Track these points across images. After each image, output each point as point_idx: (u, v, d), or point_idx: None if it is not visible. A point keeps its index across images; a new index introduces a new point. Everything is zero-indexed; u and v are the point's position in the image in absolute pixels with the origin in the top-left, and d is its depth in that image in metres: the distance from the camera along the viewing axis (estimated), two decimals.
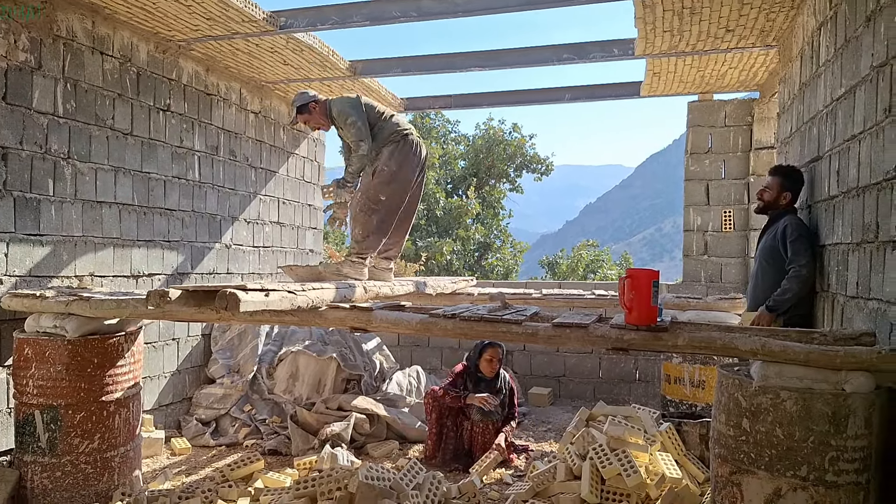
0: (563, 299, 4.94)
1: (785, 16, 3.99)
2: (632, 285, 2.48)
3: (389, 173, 4.07)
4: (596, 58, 4.91)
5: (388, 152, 4.09)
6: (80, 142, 3.92)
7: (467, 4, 4.22)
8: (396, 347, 6.55)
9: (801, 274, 3.23)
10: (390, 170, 4.07)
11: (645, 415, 3.65)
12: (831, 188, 3.06)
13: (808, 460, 2.09)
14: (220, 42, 4.56)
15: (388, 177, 4.07)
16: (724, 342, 2.35)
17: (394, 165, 4.07)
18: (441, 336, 3.30)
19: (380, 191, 4.06)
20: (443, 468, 3.97)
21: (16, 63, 3.51)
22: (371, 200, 4.07)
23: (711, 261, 5.94)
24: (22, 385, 3.24)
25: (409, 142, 4.15)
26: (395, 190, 4.10)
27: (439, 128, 18.05)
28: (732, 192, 5.86)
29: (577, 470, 3.28)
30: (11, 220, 3.50)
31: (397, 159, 4.09)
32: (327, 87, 5.78)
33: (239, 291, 2.47)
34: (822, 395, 2.10)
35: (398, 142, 4.13)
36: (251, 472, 3.60)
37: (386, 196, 4.07)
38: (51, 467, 3.18)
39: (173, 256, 4.69)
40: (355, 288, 3.58)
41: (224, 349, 5.11)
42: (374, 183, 4.07)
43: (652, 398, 5.62)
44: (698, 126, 5.93)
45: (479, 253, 16.27)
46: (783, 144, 4.39)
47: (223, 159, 5.23)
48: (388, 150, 4.10)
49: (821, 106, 3.29)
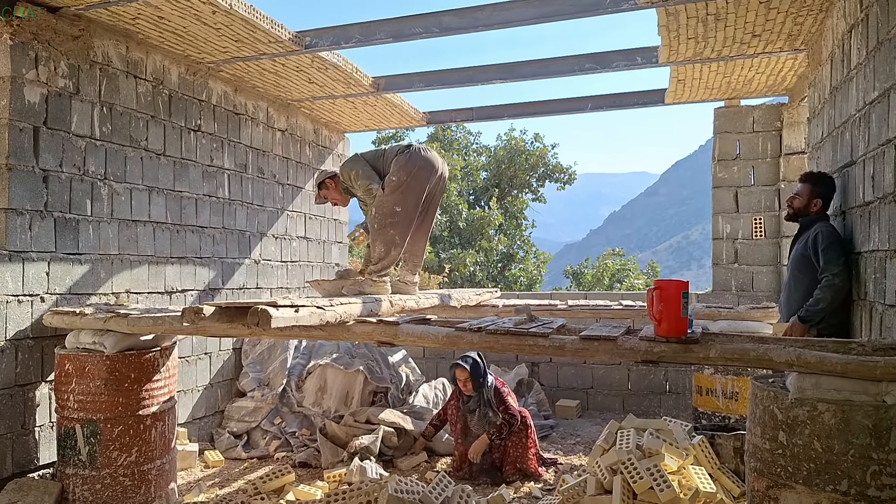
0: (589, 310, 4.90)
1: (813, 19, 3.94)
2: (661, 296, 2.46)
3: (399, 182, 4.11)
4: (619, 67, 4.89)
5: (395, 166, 4.16)
6: (115, 163, 4.05)
7: (487, 19, 4.26)
8: (422, 360, 6.57)
9: (833, 283, 3.15)
10: (399, 179, 4.11)
11: (677, 427, 3.59)
12: (866, 193, 2.99)
13: (849, 474, 2.04)
14: (247, 63, 4.68)
15: (396, 186, 4.11)
16: (758, 354, 2.31)
17: (403, 175, 4.11)
18: (467, 349, 3.31)
19: (394, 202, 4.11)
20: (471, 481, 3.96)
21: (56, 89, 3.66)
22: (387, 215, 4.12)
23: (742, 269, 5.83)
24: (63, 400, 3.34)
25: (413, 150, 4.21)
26: (408, 199, 4.14)
27: (461, 139, 18.14)
28: (762, 199, 5.76)
29: (607, 484, 3.23)
30: (52, 240, 3.63)
31: (406, 168, 4.13)
32: (351, 104, 5.87)
33: (270, 308, 2.52)
34: (861, 408, 2.05)
35: (401, 153, 4.20)
36: (283, 484, 3.64)
37: (401, 207, 4.11)
38: (91, 480, 3.27)
39: (205, 272, 4.80)
40: (381, 302, 3.62)
41: (254, 363, 5.19)
42: (387, 196, 4.13)
43: (683, 410, 5.52)
44: (726, 132, 5.86)
45: (503, 264, 16.23)
46: (814, 149, 4.31)
47: (251, 177, 5.34)
48: (394, 165, 4.17)
49: (853, 110, 3.23)
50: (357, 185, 4.25)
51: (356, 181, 4.24)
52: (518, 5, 4.14)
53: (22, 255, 3.45)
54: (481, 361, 4.15)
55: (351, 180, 4.30)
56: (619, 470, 3.19)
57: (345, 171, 4.34)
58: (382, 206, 4.15)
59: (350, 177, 4.29)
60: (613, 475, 3.22)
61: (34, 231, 3.52)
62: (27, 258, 3.48)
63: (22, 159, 3.47)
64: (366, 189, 4.20)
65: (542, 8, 4.08)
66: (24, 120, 3.49)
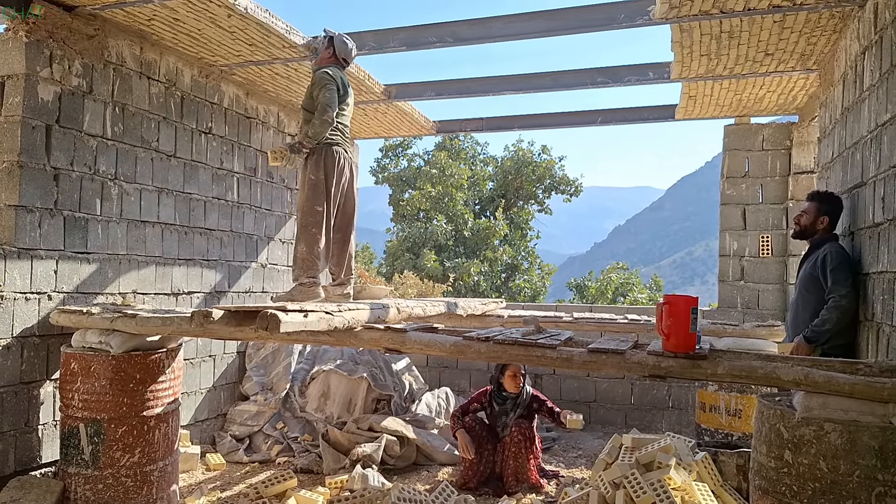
0: (594, 323, 4.89)
1: (827, 39, 3.95)
2: (670, 311, 2.46)
3: (317, 182, 4.02)
4: (630, 81, 4.91)
5: (312, 162, 4.04)
6: (126, 163, 4.07)
7: (501, 30, 4.29)
8: (425, 368, 6.55)
9: (840, 304, 3.14)
10: (317, 178, 4.02)
11: (679, 443, 3.57)
12: (876, 215, 2.99)
13: (854, 495, 2.02)
14: (260, 67, 4.72)
15: (313, 185, 4.01)
16: (766, 371, 2.30)
17: (321, 174, 4.02)
18: (474, 359, 3.31)
19: (314, 202, 4.01)
20: (473, 492, 3.94)
21: (69, 88, 3.69)
22: (307, 214, 4.01)
23: (748, 287, 5.81)
24: (68, 398, 3.34)
25: (332, 152, 4.06)
26: (325, 199, 4.04)
27: (468, 149, 18.19)
28: (770, 217, 5.76)
29: (609, 498, 3.21)
30: (61, 239, 3.65)
31: (324, 168, 4.02)
32: (361, 111, 5.90)
33: (279, 312, 2.52)
34: (868, 429, 2.04)
35: (320, 151, 4.04)
36: (284, 489, 3.63)
37: (321, 206, 4.02)
38: (93, 479, 3.26)
39: (211, 275, 4.81)
40: (389, 308, 3.62)
41: (258, 367, 5.19)
42: (306, 195, 4.03)
43: (685, 426, 5.49)
44: (735, 149, 5.86)
45: (507, 274, 16.23)
46: (824, 169, 4.32)
47: (260, 181, 5.37)
48: (311, 160, 4.04)
49: (864, 131, 3.23)
50: (322, 94, 3.95)
51: (323, 91, 3.95)
52: (531, 18, 4.17)
53: (31, 253, 3.47)
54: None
55: (321, 84, 3.98)
56: (622, 484, 3.17)
57: (324, 77, 4.00)
58: (302, 207, 4.04)
59: (323, 83, 3.97)
60: (616, 489, 3.20)
61: (43, 229, 3.54)
62: (36, 256, 3.49)
63: (34, 157, 3.50)
64: (323, 106, 3.92)
65: (555, 21, 4.11)
66: (37, 118, 3.52)
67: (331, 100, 3.94)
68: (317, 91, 4.01)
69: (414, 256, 15.39)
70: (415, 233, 15.82)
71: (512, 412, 4.15)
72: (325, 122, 3.94)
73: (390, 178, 17.45)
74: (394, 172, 17.48)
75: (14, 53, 3.46)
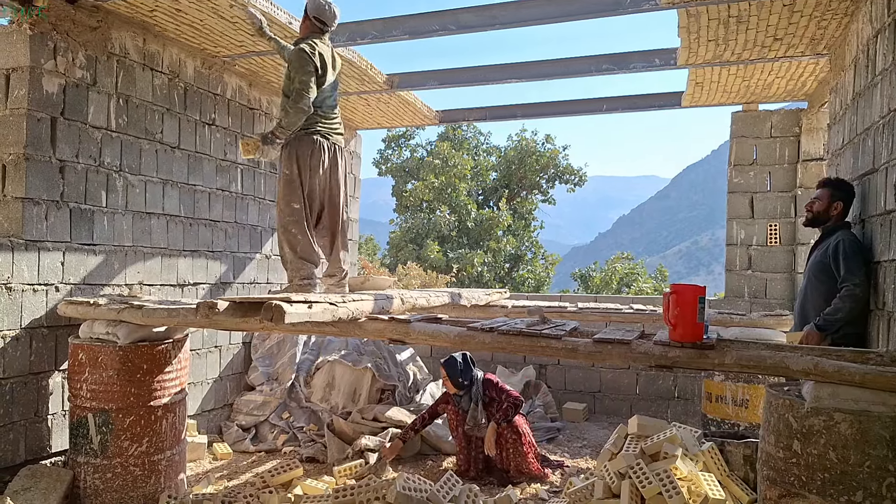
0: (599, 314, 4.87)
1: (837, 23, 3.89)
2: (677, 301, 2.44)
3: (291, 177, 3.78)
4: (637, 68, 4.86)
5: (284, 155, 3.80)
6: (130, 155, 4.07)
7: (505, 17, 4.23)
8: (429, 359, 6.56)
9: (853, 293, 3.11)
10: (291, 173, 3.78)
11: (686, 433, 3.56)
12: (888, 202, 2.95)
13: (865, 486, 2.01)
14: (262, 58, 4.69)
15: (287, 181, 3.79)
16: (775, 361, 2.28)
17: (294, 169, 3.78)
18: (479, 350, 3.29)
19: (290, 199, 3.79)
20: (477, 481, 3.95)
21: (73, 80, 3.68)
22: (284, 213, 3.81)
23: (756, 276, 5.78)
24: (76, 389, 3.36)
25: (308, 142, 3.77)
26: (301, 195, 3.80)
27: (471, 139, 18.12)
28: (778, 206, 5.70)
29: (615, 488, 3.21)
30: (67, 231, 3.65)
31: (296, 161, 3.77)
32: (364, 101, 5.87)
33: (284, 304, 2.52)
34: (879, 419, 2.02)
35: (294, 143, 3.77)
36: (291, 478, 3.65)
37: (298, 203, 3.79)
38: (102, 468, 3.29)
39: (216, 266, 4.82)
40: (392, 299, 3.61)
41: (264, 357, 5.20)
42: (281, 192, 3.82)
43: (691, 416, 5.48)
44: (742, 137, 5.80)
45: (510, 265, 16.21)
46: (834, 156, 4.26)
47: (264, 172, 5.35)
48: (284, 153, 3.80)
49: (876, 116, 3.18)
50: (299, 76, 3.63)
51: (301, 74, 3.63)
52: (536, 4, 4.11)
53: (38, 245, 3.47)
54: (460, 359, 4.09)
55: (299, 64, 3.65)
56: (627, 474, 3.16)
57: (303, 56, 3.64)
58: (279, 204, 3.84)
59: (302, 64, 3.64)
60: (621, 479, 3.20)
61: (50, 221, 3.55)
62: (43, 247, 3.50)
63: (39, 149, 3.49)
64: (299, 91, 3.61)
65: (561, 7, 4.05)
66: (42, 110, 3.51)
67: (306, 84, 3.59)
68: (293, 72, 3.67)
69: (417, 247, 15.39)
70: (418, 224, 15.81)
71: (474, 404, 4.10)
72: (299, 110, 3.61)
73: (393, 169, 17.41)
74: (397, 163, 17.43)
75: (18, 46, 3.45)
